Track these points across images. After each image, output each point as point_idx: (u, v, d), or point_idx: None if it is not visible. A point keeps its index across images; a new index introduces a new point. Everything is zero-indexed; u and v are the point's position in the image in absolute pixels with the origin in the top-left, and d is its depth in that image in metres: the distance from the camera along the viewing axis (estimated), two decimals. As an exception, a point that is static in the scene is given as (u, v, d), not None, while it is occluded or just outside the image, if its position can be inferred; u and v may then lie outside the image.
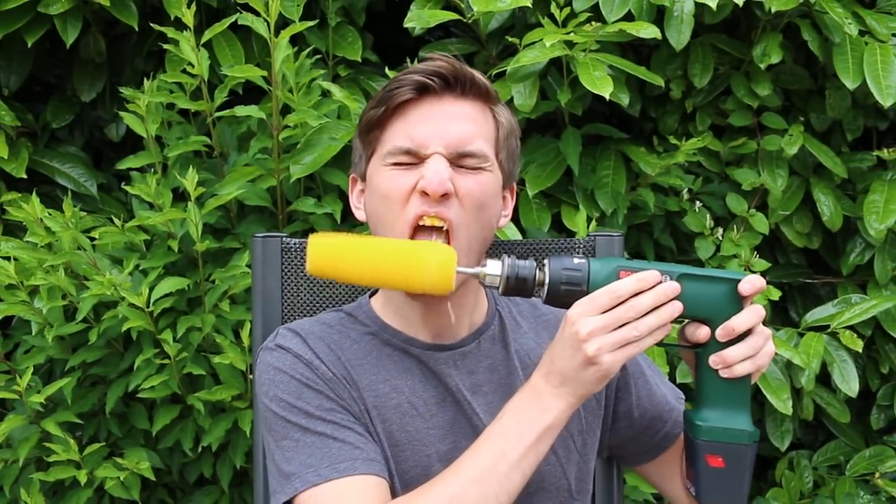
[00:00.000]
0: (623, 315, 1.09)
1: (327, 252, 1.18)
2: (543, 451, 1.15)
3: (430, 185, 1.20)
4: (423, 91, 1.23)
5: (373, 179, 1.29)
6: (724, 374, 1.14)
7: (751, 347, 1.14)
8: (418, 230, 1.23)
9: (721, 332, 1.14)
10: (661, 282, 1.11)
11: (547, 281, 1.13)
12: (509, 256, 1.16)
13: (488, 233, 1.30)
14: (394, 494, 1.23)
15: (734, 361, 1.14)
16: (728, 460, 1.17)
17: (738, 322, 1.13)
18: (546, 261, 1.15)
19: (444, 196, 1.21)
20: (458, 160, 1.23)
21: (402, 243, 1.19)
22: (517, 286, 1.15)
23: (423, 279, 1.15)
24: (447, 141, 1.23)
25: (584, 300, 1.11)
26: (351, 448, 1.22)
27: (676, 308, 1.11)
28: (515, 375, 1.35)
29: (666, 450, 1.42)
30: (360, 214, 1.36)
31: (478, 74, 1.28)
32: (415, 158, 1.23)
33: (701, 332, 1.14)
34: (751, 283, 1.14)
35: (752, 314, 1.14)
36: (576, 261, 1.14)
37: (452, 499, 1.12)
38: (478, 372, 1.34)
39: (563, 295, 1.13)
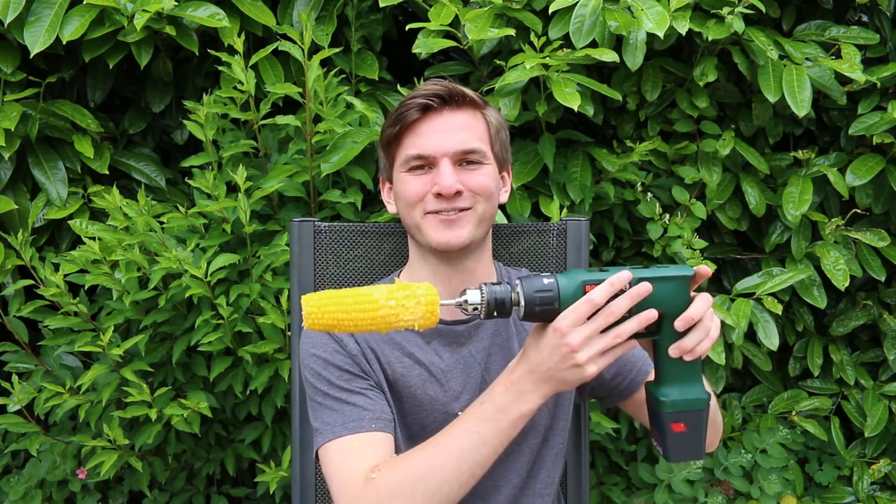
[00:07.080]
0: (605, 321, 1.01)
1: (321, 309, 1.03)
2: (516, 433, 1.11)
3: (443, 189, 1.24)
4: (426, 109, 1.26)
5: (397, 184, 1.32)
6: (687, 357, 1.07)
7: (704, 330, 1.06)
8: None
9: (680, 323, 1.05)
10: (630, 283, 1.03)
11: (522, 302, 1.04)
12: (485, 285, 1.06)
13: (494, 208, 1.33)
14: (415, 443, 1.21)
15: (693, 346, 1.06)
16: (689, 425, 1.12)
17: (696, 311, 1.05)
18: (518, 281, 1.06)
19: (457, 193, 1.25)
20: (462, 158, 1.27)
21: (390, 293, 1.03)
22: (497, 308, 1.05)
23: (412, 320, 1.03)
24: (451, 146, 1.26)
25: (569, 312, 1.02)
26: (360, 410, 1.24)
27: (652, 314, 1.03)
28: (513, 339, 1.36)
29: (634, 392, 1.39)
30: (391, 208, 1.38)
31: (466, 89, 1.30)
32: (426, 162, 1.27)
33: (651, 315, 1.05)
34: (701, 274, 1.07)
35: (704, 302, 1.06)
36: (545, 281, 1.04)
37: (430, 470, 1.09)
38: (486, 338, 1.35)
39: (539, 313, 1.04)
